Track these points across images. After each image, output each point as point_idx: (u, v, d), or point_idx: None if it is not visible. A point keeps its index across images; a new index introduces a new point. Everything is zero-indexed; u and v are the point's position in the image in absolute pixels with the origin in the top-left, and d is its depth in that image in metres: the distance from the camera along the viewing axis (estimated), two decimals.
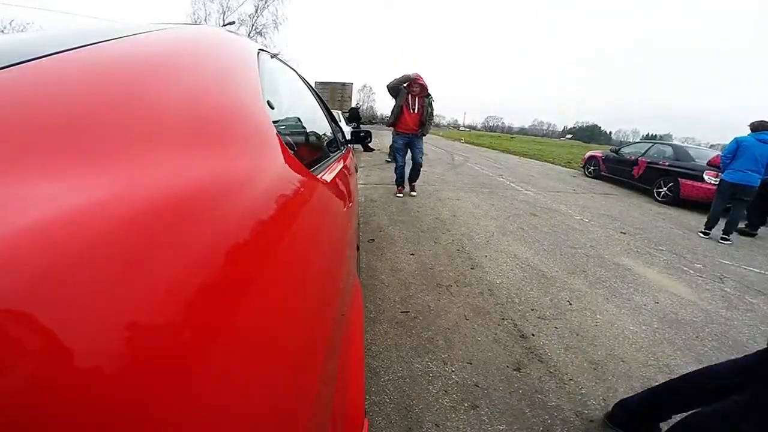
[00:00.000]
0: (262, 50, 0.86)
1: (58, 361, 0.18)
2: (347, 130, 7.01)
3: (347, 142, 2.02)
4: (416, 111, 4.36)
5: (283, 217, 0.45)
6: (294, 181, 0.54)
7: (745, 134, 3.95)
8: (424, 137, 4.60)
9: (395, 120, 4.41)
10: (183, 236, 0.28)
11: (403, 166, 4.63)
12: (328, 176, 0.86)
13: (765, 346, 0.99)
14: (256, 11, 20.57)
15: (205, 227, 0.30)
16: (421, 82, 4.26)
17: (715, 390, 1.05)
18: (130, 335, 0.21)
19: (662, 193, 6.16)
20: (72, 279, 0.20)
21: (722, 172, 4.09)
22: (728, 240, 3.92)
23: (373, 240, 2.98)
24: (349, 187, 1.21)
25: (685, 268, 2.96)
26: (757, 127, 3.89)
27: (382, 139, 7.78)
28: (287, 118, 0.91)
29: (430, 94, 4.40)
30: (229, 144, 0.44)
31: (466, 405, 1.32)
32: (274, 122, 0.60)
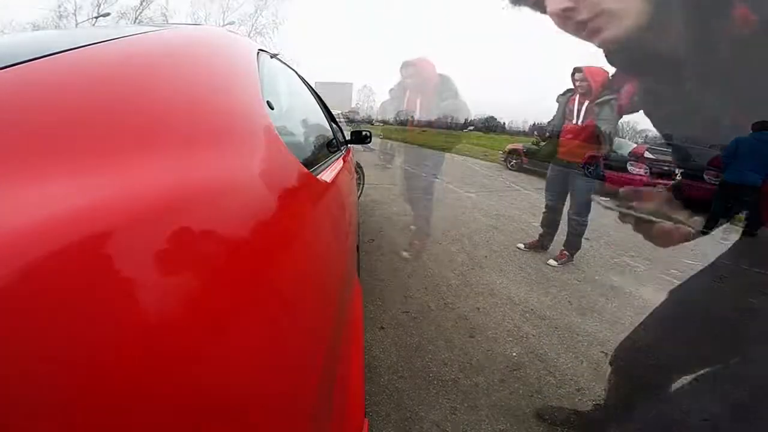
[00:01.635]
0: (262, 50, 0.86)
1: (58, 361, 0.18)
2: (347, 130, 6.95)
3: (347, 142, 2.03)
4: (579, 121, 2.31)
5: (283, 218, 0.45)
6: (293, 182, 0.54)
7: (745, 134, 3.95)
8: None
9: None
10: (181, 237, 0.28)
11: (555, 213, 2.57)
12: (327, 176, 0.86)
13: None
14: (256, 11, 20.57)
15: (203, 228, 0.30)
16: (598, 72, 2.18)
17: None
18: (130, 335, 0.21)
19: None
20: (72, 279, 0.20)
21: (723, 172, 4.09)
22: (728, 240, 3.92)
23: (373, 240, 2.98)
24: (349, 187, 1.21)
25: (684, 268, 2.96)
26: (758, 127, 3.89)
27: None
28: (287, 118, 0.91)
29: (609, 93, 2.14)
30: (228, 144, 0.44)
31: (466, 405, 1.32)
32: (274, 122, 0.60)
